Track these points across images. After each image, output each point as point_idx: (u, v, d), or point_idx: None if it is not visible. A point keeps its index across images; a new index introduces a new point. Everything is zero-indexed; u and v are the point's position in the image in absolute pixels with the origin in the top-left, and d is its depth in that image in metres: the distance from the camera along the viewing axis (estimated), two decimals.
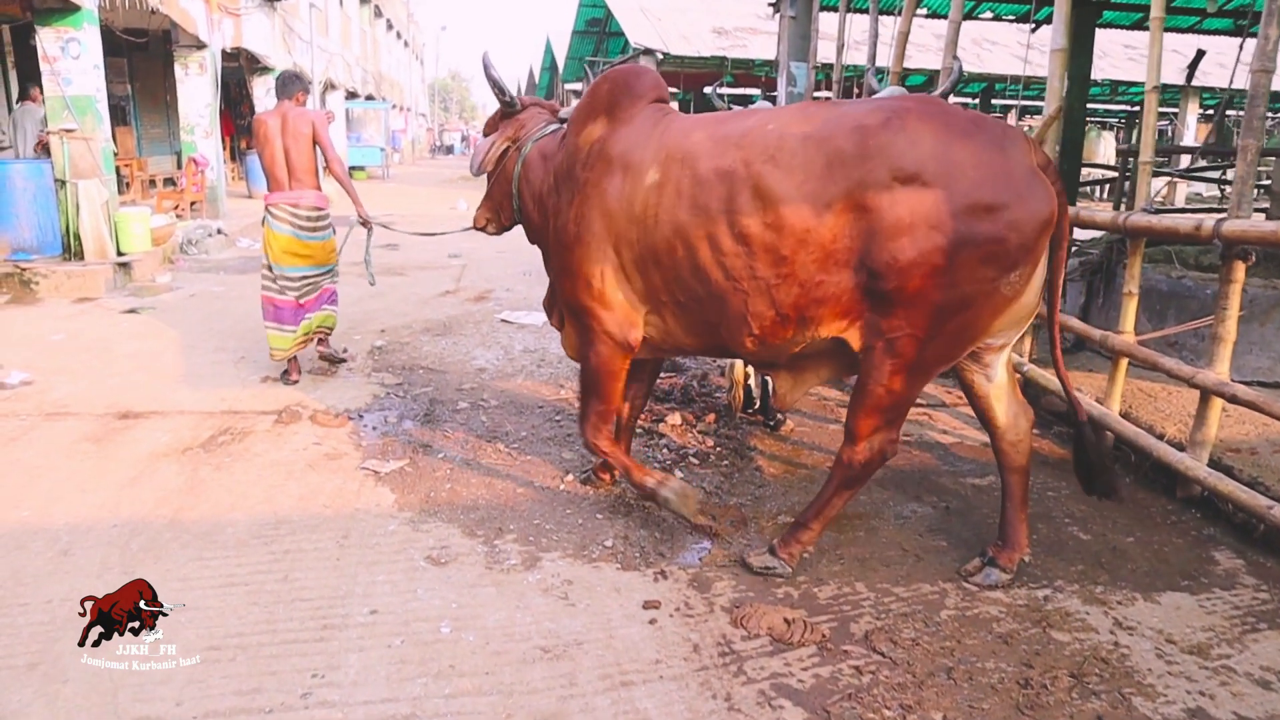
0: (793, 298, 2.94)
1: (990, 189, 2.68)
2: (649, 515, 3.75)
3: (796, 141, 2.90)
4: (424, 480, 3.99)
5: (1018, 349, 5.49)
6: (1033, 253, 2.75)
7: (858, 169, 2.78)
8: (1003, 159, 2.72)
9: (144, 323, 6.91)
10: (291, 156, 5.17)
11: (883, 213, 2.74)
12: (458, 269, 9.77)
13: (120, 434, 4.45)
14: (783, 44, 9.52)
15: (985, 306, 2.78)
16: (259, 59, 14.64)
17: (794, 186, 2.86)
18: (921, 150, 2.72)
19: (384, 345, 6.30)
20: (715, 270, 3.03)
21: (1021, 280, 2.78)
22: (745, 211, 2.93)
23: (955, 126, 2.77)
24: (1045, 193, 2.74)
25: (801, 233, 2.86)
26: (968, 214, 2.67)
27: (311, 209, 5.27)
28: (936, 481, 4.30)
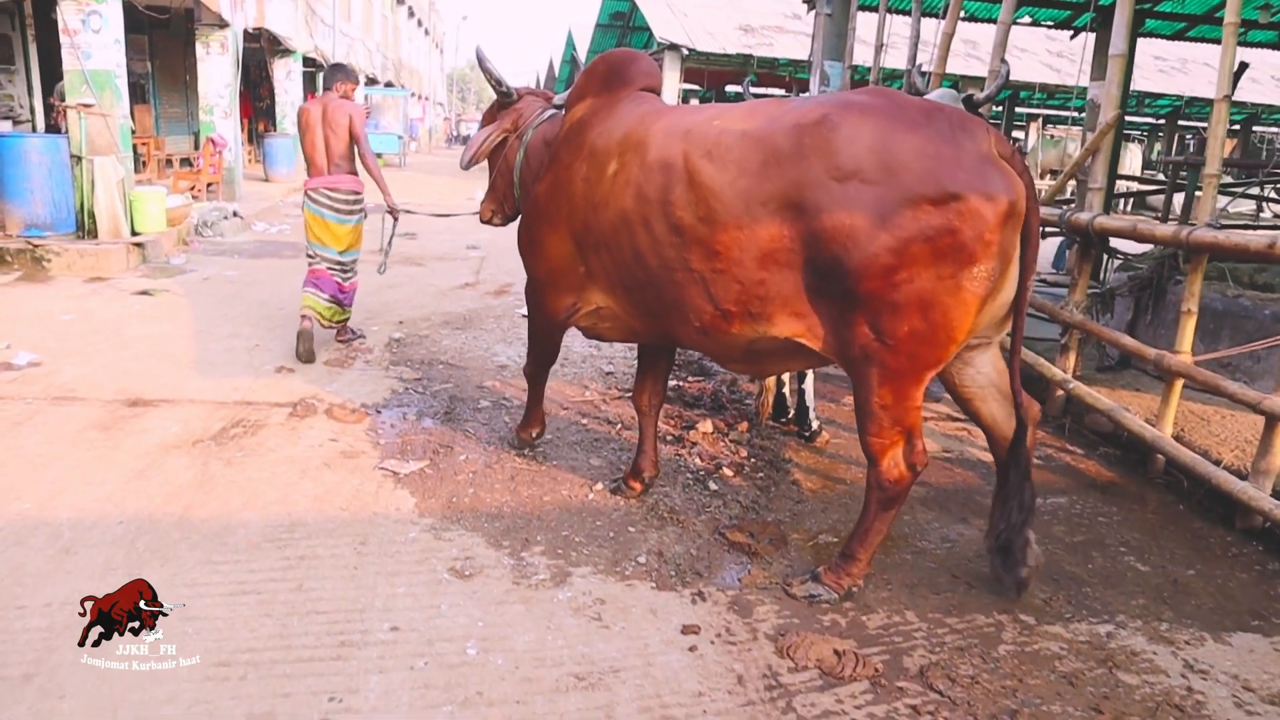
0: (733, 294, 2.90)
1: (936, 181, 2.56)
2: (684, 530, 3.55)
3: (735, 138, 2.87)
4: (445, 484, 3.79)
5: (1062, 366, 5.27)
6: (995, 246, 2.60)
7: (794, 168, 2.71)
8: (953, 149, 2.59)
9: (156, 305, 6.72)
10: (330, 144, 5.45)
11: (823, 213, 2.66)
12: (477, 261, 9.58)
13: (129, 422, 4.26)
14: (817, 42, 9.29)
15: (954, 304, 2.63)
16: (281, 41, 14.47)
17: (727, 183, 2.82)
18: (860, 146, 2.62)
19: (402, 338, 6.10)
20: (653, 258, 3.06)
21: (989, 276, 2.63)
22: (680, 204, 2.93)
23: (900, 119, 2.65)
24: (1004, 183, 2.59)
25: (734, 229, 2.82)
26: (913, 209, 2.56)
27: (348, 192, 5.54)
28: (981, 503, 4.08)
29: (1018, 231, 2.68)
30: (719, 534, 3.54)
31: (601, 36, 25.52)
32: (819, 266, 2.73)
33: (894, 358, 2.72)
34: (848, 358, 2.84)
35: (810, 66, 9.51)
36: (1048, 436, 5.05)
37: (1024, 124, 27.19)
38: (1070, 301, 5.24)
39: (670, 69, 17.48)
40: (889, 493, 2.96)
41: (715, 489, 3.94)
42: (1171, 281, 5.39)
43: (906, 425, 2.89)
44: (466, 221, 12.24)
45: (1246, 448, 4.42)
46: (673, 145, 3.00)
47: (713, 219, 2.86)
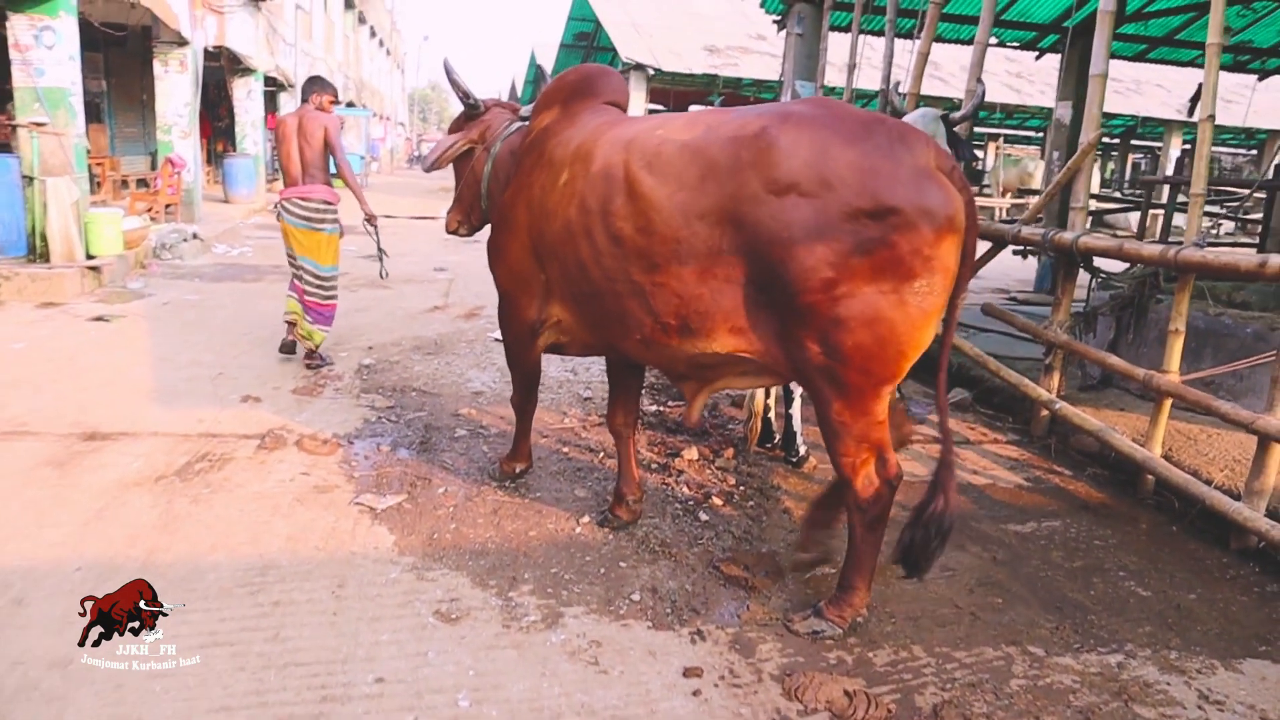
0: (672, 307, 2.87)
1: (874, 195, 2.52)
2: (677, 564, 3.41)
3: (675, 149, 2.84)
4: (425, 519, 3.62)
5: (1046, 385, 5.23)
6: (935, 261, 2.56)
7: (730, 182, 2.68)
8: (890, 163, 2.55)
9: (113, 332, 6.45)
10: (305, 155, 5.53)
11: (760, 227, 2.63)
12: (445, 283, 9.39)
13: (85, 458, 4.03)
14: (788, 62, 9.29)
15: (900, 319, 2.58)
16: (241, 59, 14.19)
17: (666, 196, 2.80)
18: (797, 160, 2.59)
19: (373, 364, 5.90)
20: (595, 269, 3.04)
21: (932, 290, 2.58)
22: (620, 215, 2.91)
23: (839, 132, 2.61)
24: (942, 197, 2.56)
25: (673, 242, 2.79)
26: (850, 222, 2.53)
27: (320, 202, 5.61)
28: (977, 528, 4.00)
29: (959, 248, 2.63)
30: (713, 567, 3.41)
31: (566, 56, 25.51)
32: (759, 281, 2.70)
33: (846, 373, 2.66)
34: (801, 374, 2.80)
35: (780, 86, 9.50)
36: (1034, 457, 5.00)
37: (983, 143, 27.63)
38: (1054, 321, 5.21)
39: (636, 89, 17.47)
40: (870, 513, 2.89)
41: (706, 519, 3.81)
42: (1153, 300, 5.38)
43: (874, 441, 2.82)
44: (433, 244, 12.09)
45: (1235, 466, 4.40)
46: (615, 155, 2.98)
47: (651, 231, 2.83)
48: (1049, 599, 3.38)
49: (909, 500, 4.04)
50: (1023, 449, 5.14)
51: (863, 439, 2.79)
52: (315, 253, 5.66)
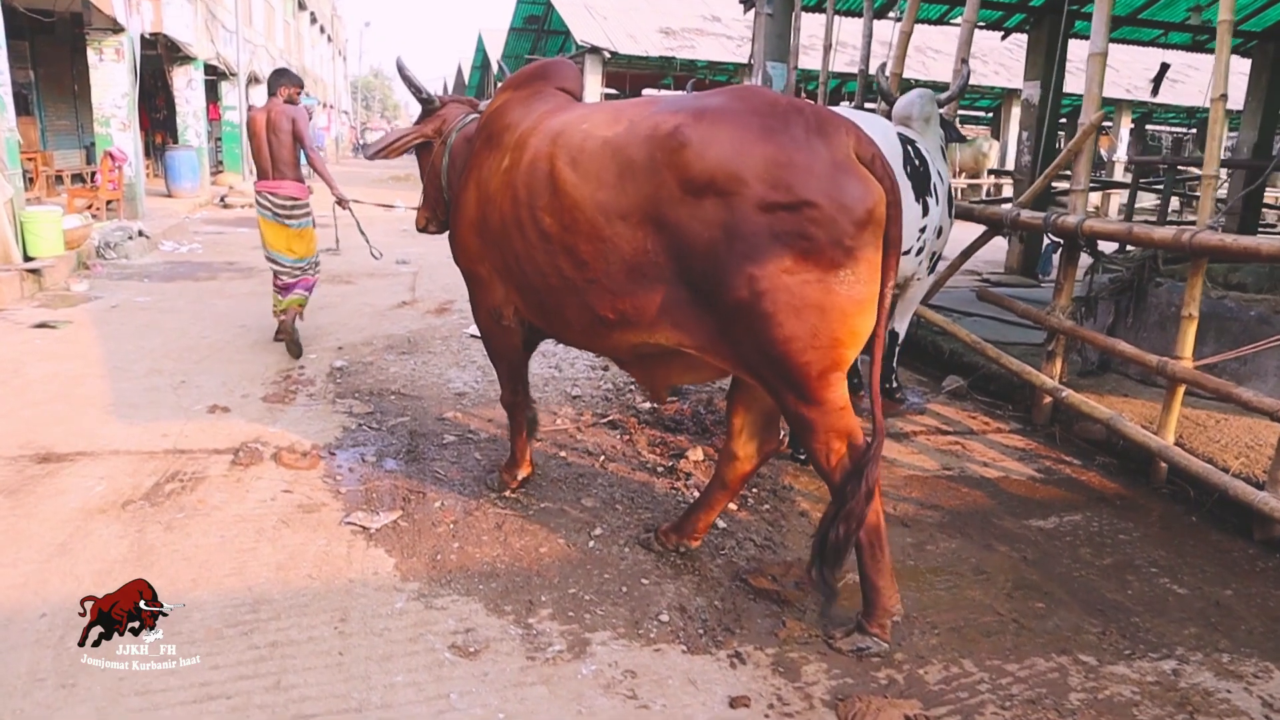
0: (606, 303, 2.85)
1: (789, 190, 2.49)
2: (701, 578, 3.18)
3: (596, 146, 2.79)
4: (425, 538, 3.34)
5: (1048, 372, 5.11)
6: (857, 251, 2.52)
7: (648, 183, 2.65)
8: (806, 154, 2.51)
9: (60, 339, 6.00)
10: (275, 149, 5.56)
11: (682, 227, 2.60)
12: (409, 277, 9.02)
13: (41, 483, 3.66)
14: (758, 43, 9.07)
15: (828, 306, 2.54)
16: (180, 47, 13.53)
17: (588, 195, 2.76)
18: (711, 158, 2.55)
19: (345, 366, 5.56)
20: (528, 262, 3.03)
21: (859, 279, 2.54)
22: (546, 211, 2.88)
23: (753, 126, 2.56)
24: (861, 187, 2.52)
25: (597, 241, 2.77)
26: (767, 217, 2.50)
27: (288, 197, 5.64)
28: (999, 525, 3.85)
29: (881, 237, 2.58)
30: (740, 580, 3.19)
31: (516, 40, 25.06)
32: (687, 279, 2.67)
33: (785, 366, 2.62)
34: (747, 371, 2.75)
35: (750, 69, 9.28)
36: (1040, 446, 4.88)
37: None
38: (1056, 306, 5.08)
39: (591, 73, 17.14)
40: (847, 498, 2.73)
41: (724, 526, 3.59)
42: (1152, 284, 5.29)
43: (842, 429, 2.71)
44: (390, 234, 11.66)
45: (1249, 453, 4.31)
46: (543, 148, 2.94)
47: (576, 230, 2.80)
48: (1089, 601, 3.23)
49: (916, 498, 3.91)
50: (1027, 438, 5.02)
51: (830, 429, 2.70)
52: (285, 246, 5.72)
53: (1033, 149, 10.11)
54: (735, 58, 18.19)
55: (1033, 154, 10.09)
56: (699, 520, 3.34)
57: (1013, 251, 10.72)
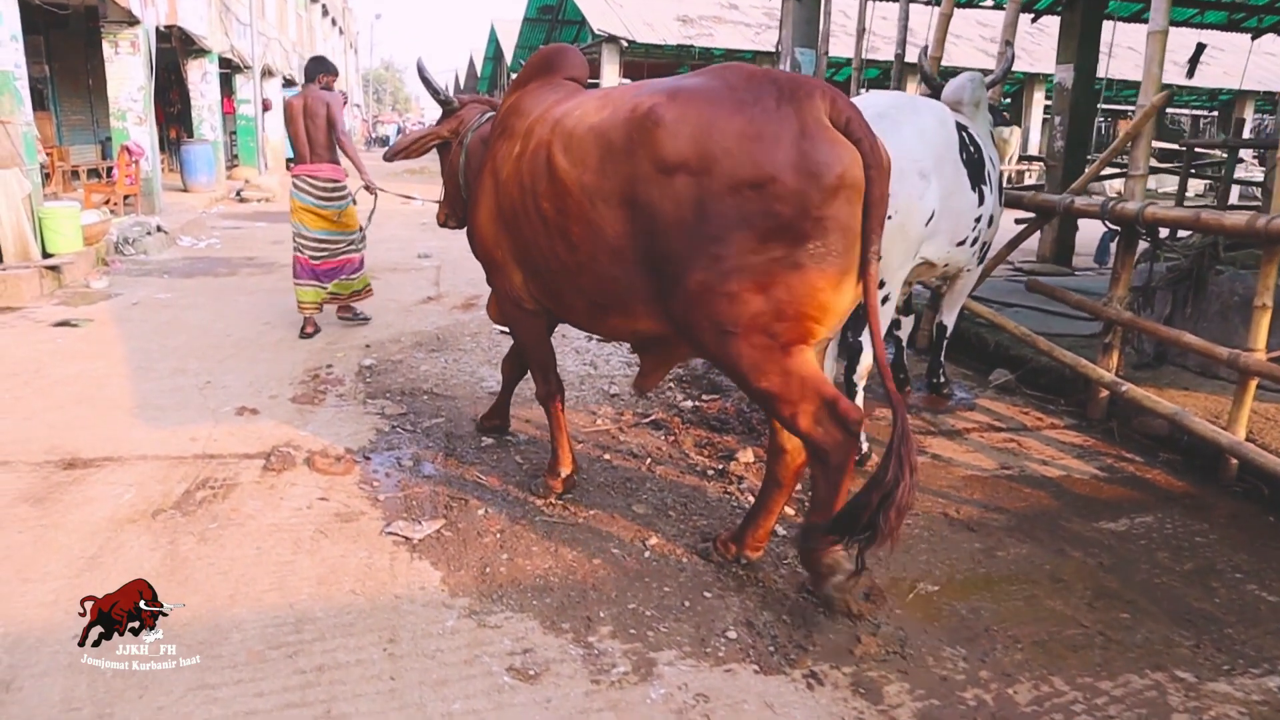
0: (596, 287, 2.91)
1: (755, 164, 2.45)
2: (766, 589, 3.01)
3: (585, 130, 2.83)
4: (471, 548, 3.17)
5: (1105, 365, 4.90)
6: (827, 221, 2.46)
7: (625, 163, 2.67)
8: (775, 125, 2.47)
9: (81, 338, 5.86)
10: (311, 134, 5.77)
11: (654, 207, 2.60)
12: (432, 271, 8.86)
13: (67, 491, 3.51)
14: (786, 29, 8.83)
15: (795, 282, 2.50)
16: (194, 40, 13.39)
17: (575, 179, 2.80)
18: (682, 138, 2.54)
19: (374, 364, 5.40)
20: (534, 247, 3.09)
21: (831, 251, 2.49)
22: (544, 196, 2.93)
23: (726, 102, 2.54)
24: (831, 152, 2.46)
25: (584, 224, 2.80)
26: (734, 196, 2.47)
27: (327, 180, 5.86)
28: (1068, 528, 3.65)
29: (858, 203, 2.50)
30: (807, 591, 3.01)
31: (530, 31, 24.83)
32: (659, 260, 2.66)
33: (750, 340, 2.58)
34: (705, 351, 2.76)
35: (779, 55, 9.04)
36: (1099, 443, 4.67)
37: None
38: (1113, 297, 4.87)
39: (609, 62, 16.92)
40: (831, 461, 2.68)
41: (783, 533, 3.41)
42: (1212, 272, 5.06)
43: (813, 389, 2.64)
44: (409, 228, 11.52)
45: None
46: (544, 135, 2.99)
47: (568, 213, 2.85)
48: (1176, 611, 3.03)
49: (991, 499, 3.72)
50: (1084, 434, 4.81)
51: (802, 397, 2.63)
52: (327, 224, 5.94)
53: (1066, 134, 9.85)
54: (753, 45, 17.93)
55: (1066, 139, 9.83)
56: (759, 528, 3.15)
57: (1045, 240, 10.46)
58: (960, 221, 4.29)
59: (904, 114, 3.95)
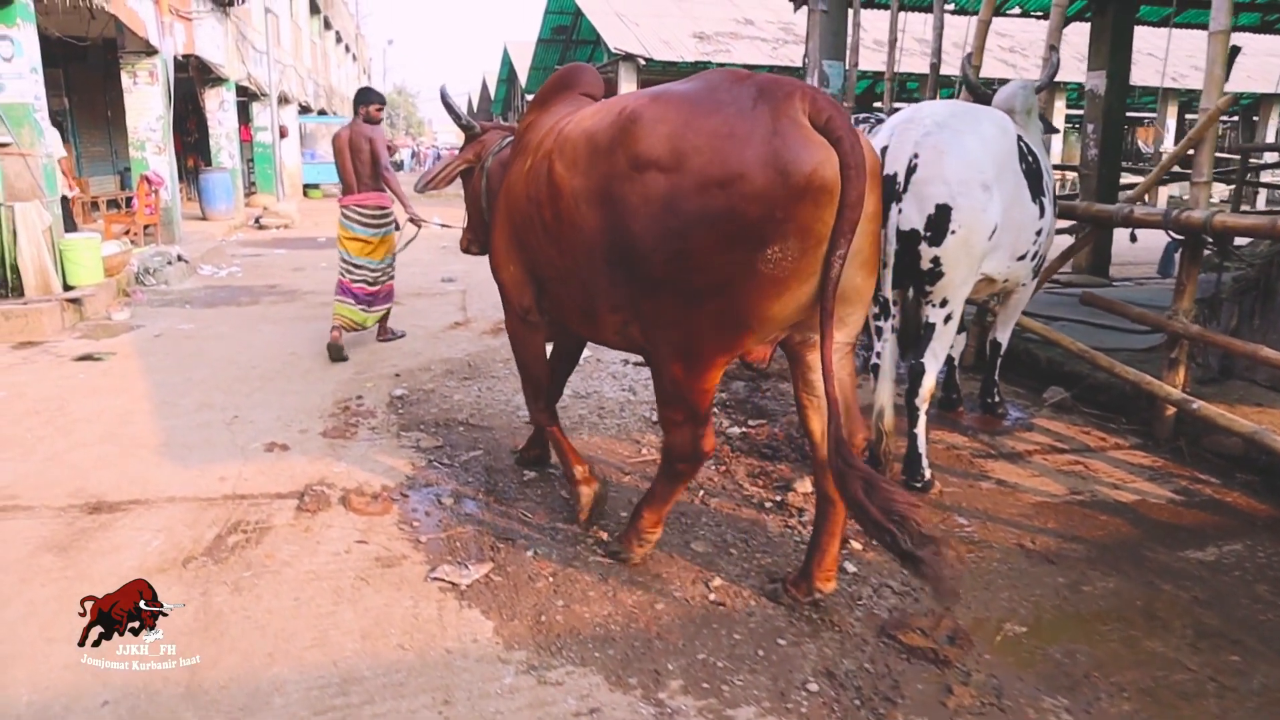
0: (583, 289, 2.93)
1: (723, 163, 2.41)
2: (843, 634, 2.78)
3: (579, 136, 2.86)
4: (524, 595, 2.96)
5: (1170, 381, 4.65)
6: (787, 225, 2.39)
7: (606, 161, 2.68)
8: (749, 123, 2.42)
9: (104, 373, 5.72)
10: (356, 166, 6.01)
11: (625, 202, 2.60)
12: (458, 295, 8.70)
13: (93, 537, 3.33)
14: (812, 41, 8.67)
15: (748, 289, 2.47)
16: (211, 68, 13.38)
17: (568, 181, 2.83)
18: (658, 135, 2.53)
19: (405, 394, 5.22)
20: (540, 255, 3.14)
21: (786, 257, 2.42)
22: (544, 203, 2.97)
23: (703, 101, 2.53)
24: (803, 149, 2.37)
25: (572, 227, 2.83)
26: (700, 194, 2.43)
27: (375, 207, 6.11)
28: (1154, 558, 3.41)
29: (827, 206, 2.39)
30: (887, 636, 2.78)
31: (544, 52, 24.85)
32: (620, 256, 2.66)
33: (687, 340, 2.63)
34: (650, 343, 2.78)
35: (805, 68, 8.88)
36: (1169, 464, 4.42)
37: None
38: (1178, 309, 4.63)
39: (626, 81, 16.81)
40: (675, 468, 2.94)
41: (853, 570, 3.19)
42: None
43: (696, 409, 2.77)
44: (431, 251, 11.38)
45: None
46: (549, 146, 3.03)
47: (561, 218, 2.88)
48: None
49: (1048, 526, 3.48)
50: (1151, 454, 4.56)
51: (687, 404, 2.75)
52: (371, 252, 6.14)
53: (1099, 142, 9.62)
54: (770, 60, 17.80)
55: (1100, 148, 9.60)
56: (824, 554, 2.92)
57: (1080, 250, 10.19)
58: (1021, 235, 4.08)
59: (965, 122, 3.75)
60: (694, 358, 2.66)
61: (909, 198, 3.65)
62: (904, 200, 3.66)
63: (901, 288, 3.90)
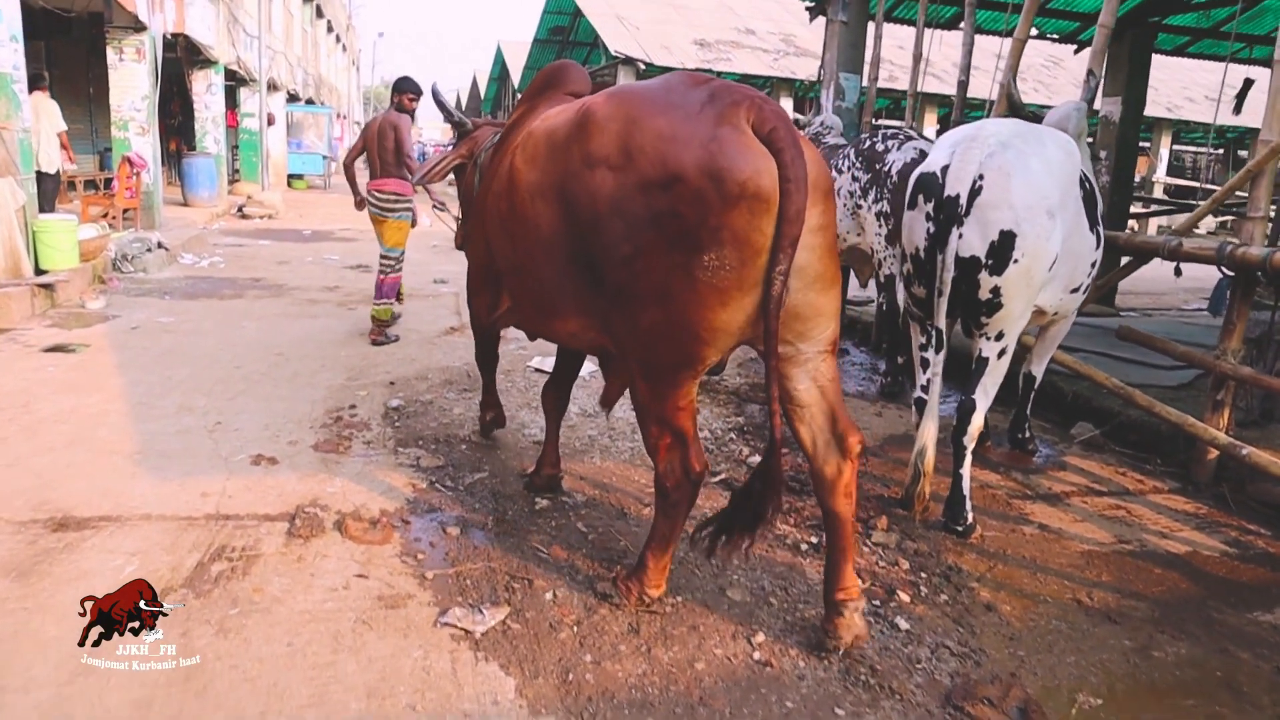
0: (536, 287, 2.96)
1: (663, 163, 2.39)
2: (905, 704, 2.50)
3: (540, 132, 2.90)
4: (546, 647, 2.64)
5: (1214, 424, 4.42)
6: (722, 232, 2.35)
7: (562, 158, 2.68)
8: (692, 126, 2.40)
9: (76, 366, 5.32)
10: (380, 153, 6.25)
11: (577, 200, 2.60)
12: (451, 299, 8.36)
13: (57, 561, 2.97)
14: (829, 53, 8.43)
15: (689, 297, 2.43)
16: (201, 50, 12.94)
17: (524, 175, 2.87)
18: (609, 134, 2.53)
19: (402, 405, 4.87)
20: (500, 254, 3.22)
21: (724, 265, 2.37)
22: (503, 197, 3.02)
23: (655, 104, 2.51)
24: (738, 160, 2.33)
25: (525, 222, 2.86)
26: (644, 194, 2.42)
27: (391, 193, 6.30)
28: (1222, 620, 3.16)
29: (764, 216, 2.34)
30: (954, 707, 2.50)
31: (540, 52, 24.54)
32: (580, 257, 2.66)
33: (643, 352, 2.61)
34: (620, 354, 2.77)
35: (822, 80, 8.63)
36: (1214, 511, 4.19)
37: None
38: (1227, 349, 4.40)
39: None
40: (669, 498, 2.77)
41: (906, 627, 2.90)
42: None
43: (674, 427, 2.68)
44: (420, 250, 11.00)
45: None
46: (516, 142, 3.06)
47: (515, 213, 2.92)
48: None
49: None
50: (1193, 499, 4.33)
51: (663, 422, 2.68)
52: (383, 236, 6.38)
53: (1113, 169, 9.46)
54: (771, 71, 17.60)
55: (1113, 175, 9.44)
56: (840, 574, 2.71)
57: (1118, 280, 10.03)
58: (1079, 266, 3.84)
59: (1029, 144, 3.49)
60: (655, 371, 2.64)
61: (971, 222, 3.38)
62: (966, 224, 3.39)
63: (954, 317, 3.64)
